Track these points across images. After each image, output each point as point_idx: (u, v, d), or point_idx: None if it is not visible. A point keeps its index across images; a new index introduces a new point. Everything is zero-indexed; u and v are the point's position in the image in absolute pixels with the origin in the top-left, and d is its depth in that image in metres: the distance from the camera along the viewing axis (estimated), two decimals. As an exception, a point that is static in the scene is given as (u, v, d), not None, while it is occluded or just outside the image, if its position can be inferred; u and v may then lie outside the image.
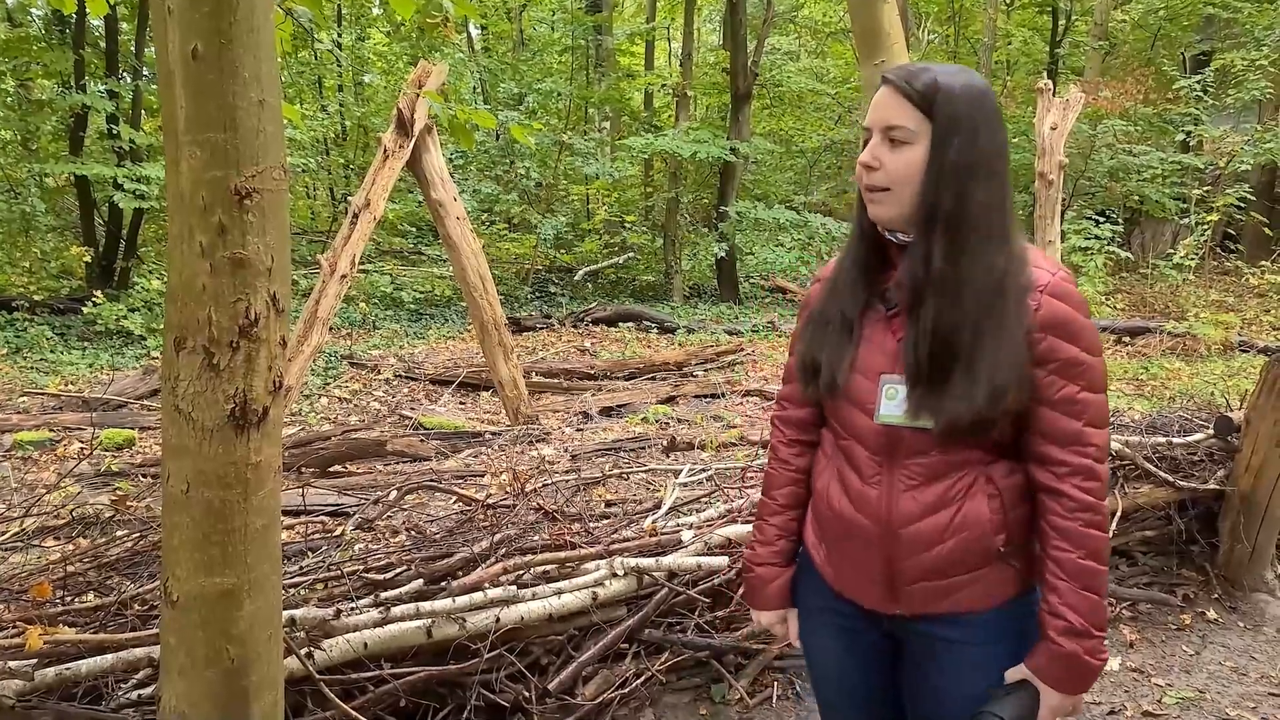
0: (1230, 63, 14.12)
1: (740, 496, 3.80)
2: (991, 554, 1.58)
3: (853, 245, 1.67)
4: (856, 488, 1.63)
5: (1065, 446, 1.53)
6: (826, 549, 1.73)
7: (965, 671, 1.63)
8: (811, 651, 1.85)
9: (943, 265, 1.50)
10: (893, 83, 1.54)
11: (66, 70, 11.87)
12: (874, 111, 1.56)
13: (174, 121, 1.52)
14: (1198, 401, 5.96)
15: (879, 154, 1.54)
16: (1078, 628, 1.53)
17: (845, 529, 1.65)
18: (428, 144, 6.90)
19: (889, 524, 1.59)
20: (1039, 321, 1.50)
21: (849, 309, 1.63)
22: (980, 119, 1.51)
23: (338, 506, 4.65)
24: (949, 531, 1.56)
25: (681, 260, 15.38)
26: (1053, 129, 8.04)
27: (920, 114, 1.51)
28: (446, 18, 3.11)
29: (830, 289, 1.69)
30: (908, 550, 1.58)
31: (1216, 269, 14.73)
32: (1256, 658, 3.57)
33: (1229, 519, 4.04)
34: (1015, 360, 1.48)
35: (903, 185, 1.53)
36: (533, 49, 19.22)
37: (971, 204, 1.50)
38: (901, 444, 1.57)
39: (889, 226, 1.58)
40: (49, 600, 2.63)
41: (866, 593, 1.67)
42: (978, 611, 1.61)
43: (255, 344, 1.60)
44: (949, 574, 1.58)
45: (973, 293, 1.50)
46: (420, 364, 10.04)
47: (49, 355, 9.68)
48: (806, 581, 1.82)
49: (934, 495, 1.57)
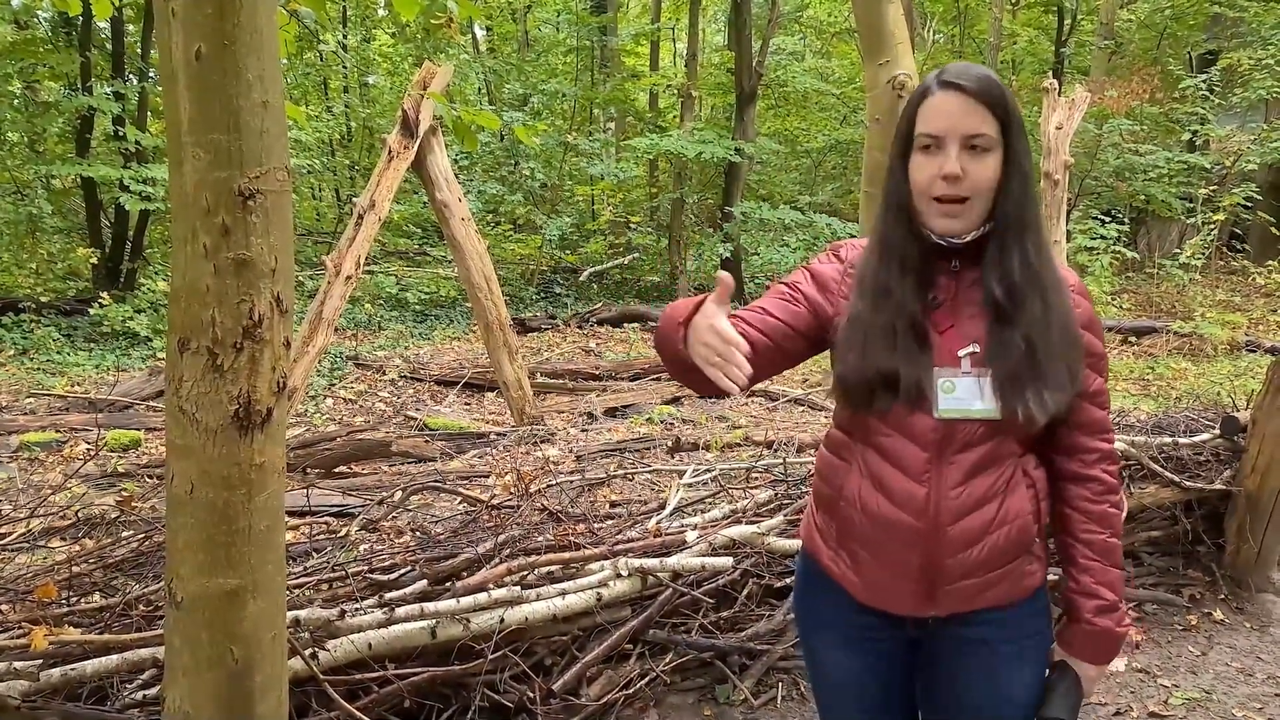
0: (1237, 62, 14.07)
1: (745, 497, 3.80)
2: (1029, 545, 1.61)
3: (901, 254, 1.59)
4: (901, 487, 1.57)
5: (1095, 435, 1.63)
6: (850, 555, 1.66)
7: (993, 669, 1.64)
8: (824, 668, 1.79)
9: (1036, 265, 1.56)
10: (966, 89, 1.51)
11: (73, 72, 11.91)
12: (948, 120, 1.51)
13: (177, 123, 1.52)
14: (1204, 401, 5.96)
15: (963, 164, 1.51)
16: (1110, 603, 1.62)
17: (883, 531, 1.59)
18: (433, 145, 6.91)
19: (936, 521, 1.55)
20: (1079, 320, 1.60)
21: (916, 315, 1.57)
22: (1021, 119, 1.57)
23: (342, 507, 4.66)
24: (995, 524, 1.57)
25: (686, 261, 15.36)
26: (1058, 129, 8.02)
27: (996, 120, 1.52)
28: (451, 19, 3.11)
29: (875, 295, 1.60)
30: (954, 547, 1.56)
31: (1223, 268, 14.68)
32: (1263, 658, 3.56)
33: (1235, 519, 4.03)
34: (1082, 351, 1.59)
35: (981, 194, 1.53)
36: (538, 50, 19.24)
37: (1037, 205, 1.59)
38: (954, 438, 1.56)
39: (956, 234, 1.56)
40: (54, 601, 2.64)
41: (900, 597, 1.62)
42: (1006, 606, 1.63)
43: (259, 345, 1.60)
44: (991, 568, 1.58)
45: (1054, 290, 1.57)
46: (425, 365, 10.06)
47: (55, 356, 9.71)
48: (817, 597, 1.76)
49: (982, 489, 1.56)
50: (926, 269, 1.60)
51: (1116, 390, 8.75)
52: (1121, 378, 9.42)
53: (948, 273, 1.61)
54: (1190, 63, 16.55)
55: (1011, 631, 1.64)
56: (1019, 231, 1.55)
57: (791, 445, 5.61)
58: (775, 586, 3.30)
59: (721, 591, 3.19)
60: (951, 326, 1.59)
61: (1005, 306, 1.55)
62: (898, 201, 1.60)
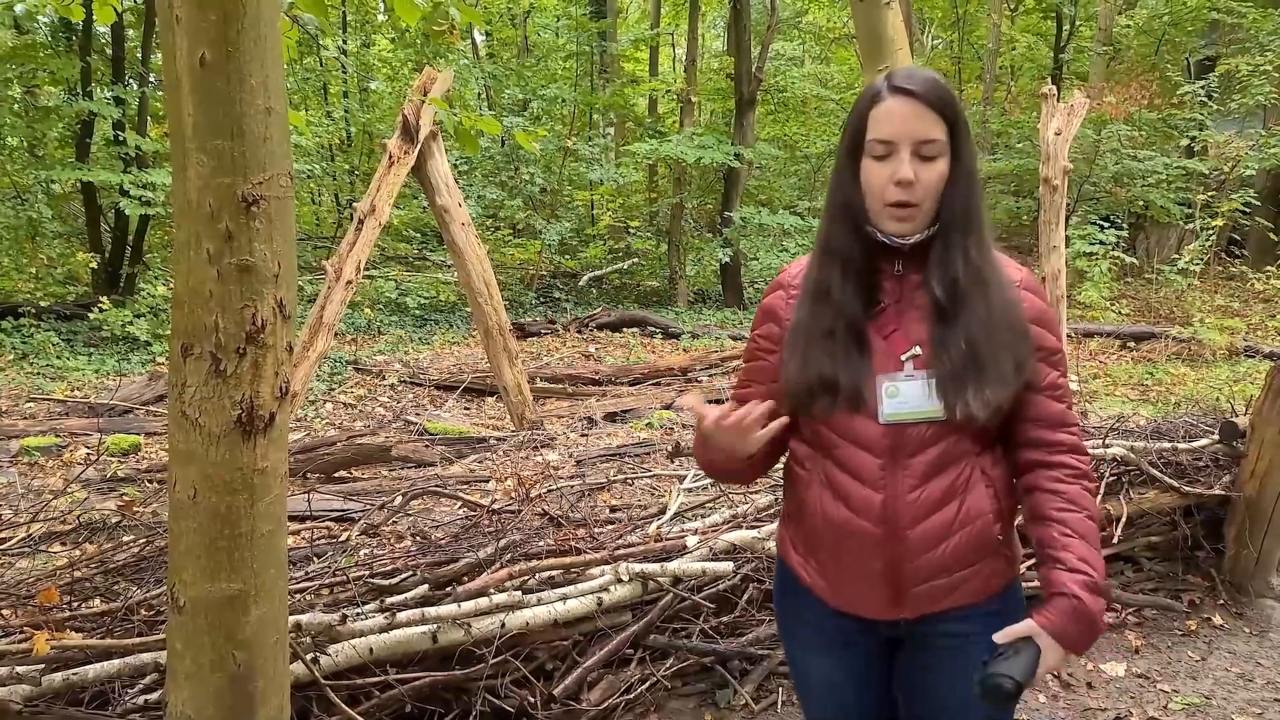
0: (1235, 68, 14.09)
1: (745, 502, 3.80)
2: (991, 543, 1.62)
3: (844, 256, 1.61)
4: (857, 494, 1.58)
5: (1055, 428, 1.63)
6: (819, 563, 1.68)
7: (967, 667, 1.63)
8: (803, 672, 1.83)
9: (978, 263, 1.57)
10: (915, 94, 1.52)
11: (73, 77, 11.92)
12: (900, 125, 1.53)
13: (181, 129, 1.52)
14: (1203, 407, 5.95)
15: (915, 169, 1.53)
16: (1097, 583, 1.54)
17: (843, 539, 1.61)
18: (433, 150, 6.91)
19: (895, 526, 1.57)
20: (1026, 314, 1.61)
21: (856, 319, 1.59)
22: (967, 121, 1.60)
23: (343, 512, 4.66)
24: (955, 525, 1.58)
25: (686, 265, 15.38)
26: (1057, 134, 8.02)
27: (945, 123, 1.54)
28: (453, 25, 3.12)
29: (815, 301, 1.62)
30: (915, 550, 1.57)
31: (1221, 274, 14.69)
32: (1262, 663, 3.56)
33: (1234, 524, 4.03)
34: (1030, 345, 1.59)
35: (930, 197, 1.56)
36: (537, 55, 19.25)
37: (981, 204, 1.61)
38: (905, 442, 1.57)
39: (905, 235, 1.58)
40: (56, 605, 2.64)
41: (868, 602, 1.64)
42: (977, 604, 1.63)
43: (262, 350, 1.60)
44: (954, 569, 1.59)
45: (996, 286, 1.59)
46: (425, 369, 10.06)
47: (55, 361, 9.71)
48: (793, 602, 1.78)
49: (939, 490, 1.57)
50: (870, 272, 1.61)
51: (1115, 395, 8.76)
52: (1120, 383, 9.42)
53: (891, 276, 1.62)
54: (1188, 68, 16.58)
55: (981, 626, 1.62)
56: (963, 232, 1.57)
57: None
58: (775, 591, 3.30)
59: (722, 596, 3.19)
60: (896, 330, 1.60)
61: (947, 306, 1.57)
62: (844, 201, 1.62)
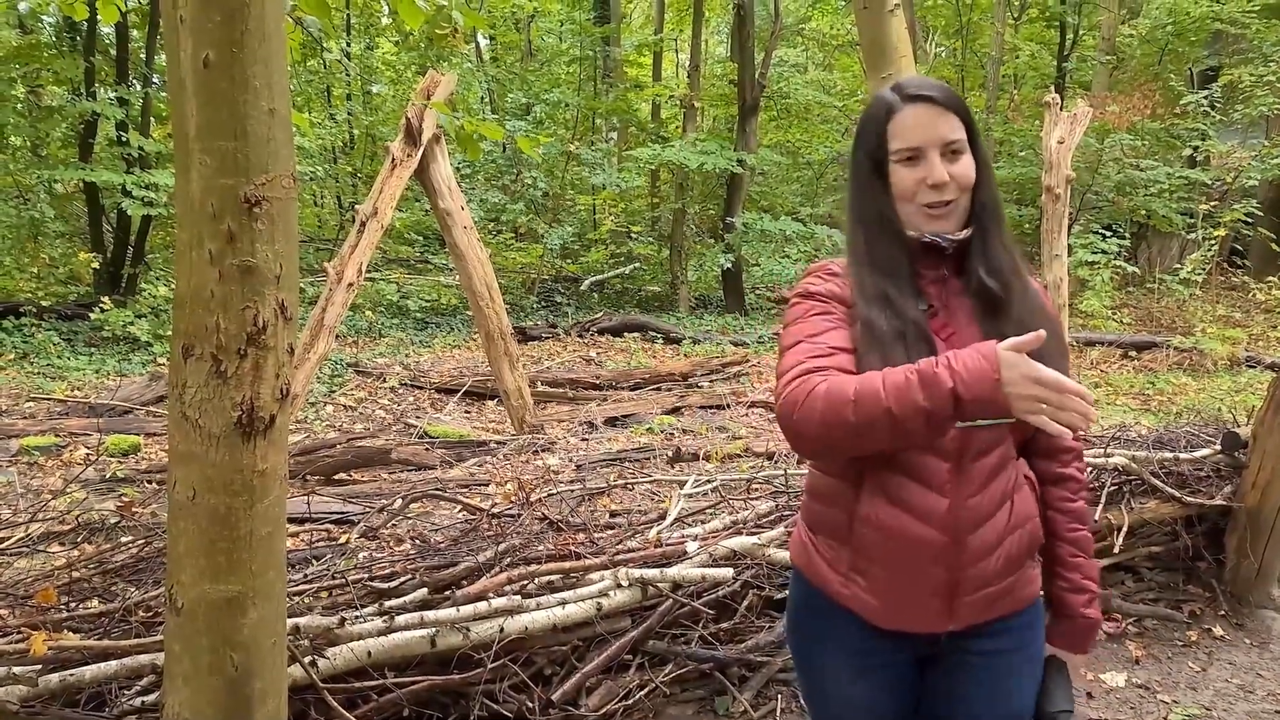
0: (1238, 78, 14.10)
1: (746, 508, 3.79)
2: (1038, 545, 1.65)
3: (892, 267, 1.59)
4: (921, 501, 1.54)
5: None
6: (869, 580, 1.60)
7: (1003, 680, 1.66)
8: (831, 698, 1.74)
9: (1014, 256, 1.62)
10: (932, 99, 1.57)
11: (77, 77, 11.93)
12: (925, 131, 1.56)
13: (185, 129, 1.52)
14: (1205, 417, 5.95)
15: (947, 169, 1.56)
16: (1095, 594, 1.71)
17: (904, 549, 1.55)
18: (435, 153, 6.91)
19: (958, 532, 1.54)
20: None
21: (920, 321, 1.56)
22: (975, 120, 1.64)
23: (342, 514, 4.66)
24: (1007, 529, 1.58)
25: (687, 271, 15.38)
26: (1060, 143, 8.01)
27: (961, 122, 1.58)
28: (456, 29, 3.12)
29: (880, 306, 1.56)
30: (975, 556, 1.55)
31: (1223, 284, 14.69)
32: (1263, 675, 3.55)
33: (1235, 535, 4.02)
34: (1063, 336, 1.65)
35: (965, 194, 1.60)
36: (541, 59, 19.28)
37: (999, 196, 1.66)
38: (971, 445, 1.54)
39: (948, 232, 1.60)
40: (54, 606, 2.64)
41: (922, 615, 1.59)
42: (1013, 615, 1.64)
43: (263, 351, 1.60)
44: (1005, 575, 1.59)
45: (1027, 273, 1.65)
46: (426, 372, 10.05)
47: (56, 361, 9.71)
48: (824, 625, 1.70)
49: (996, 494, 1.57)
50: (915, 279, 1.62)
51: (1117, 405, 8.75)
52: (1122, 392, 9.42)
53: (935, 281, 1.63)
54: (1191, 79, 16.59)
55: (1015, 640, 1.66)
56: (996, 222, 1.62)
57: (792, 457, 5.60)
58: (775, 598, 3.29)
59: (721, 602, 3.18)
60: (953, 333, 1.59)
61: (996, 294, 1.58)
62: (878, 213, 1.62)
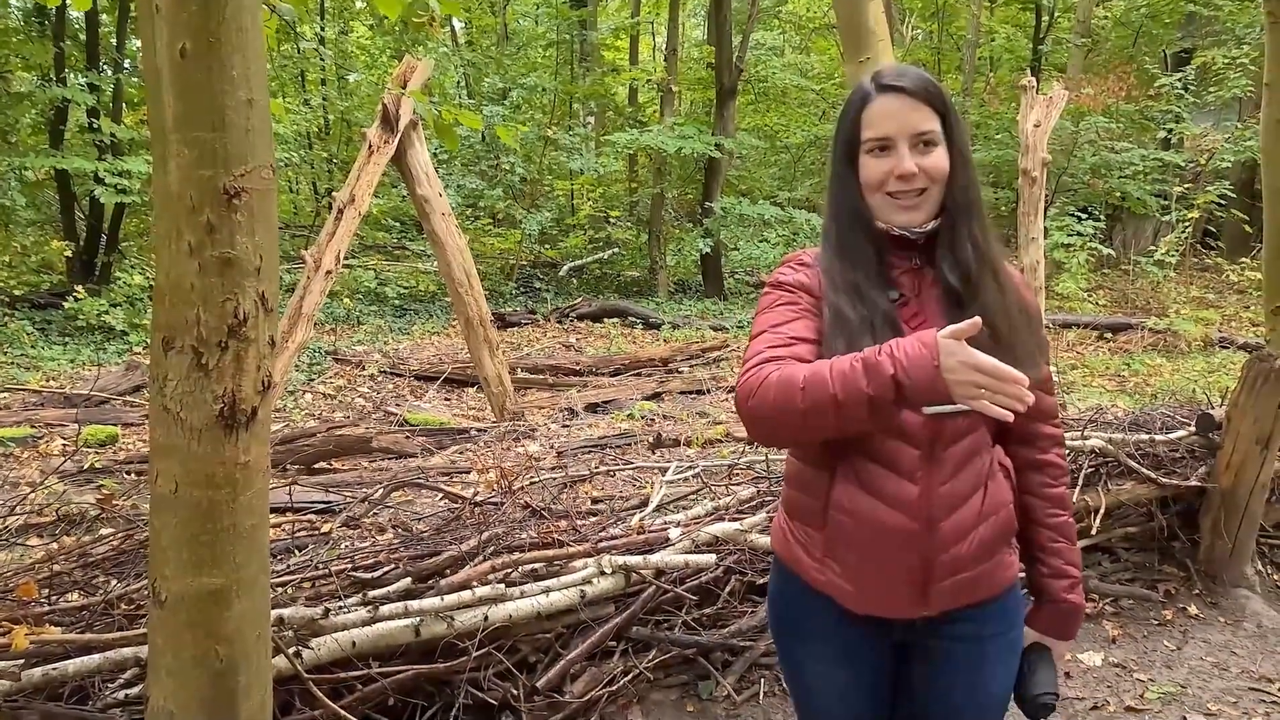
0: (1211, 60, 14.21)
1: (727, 494, 3.81)
2: (1012, 532, 1.66)
3: (863, 257, 1.60)
4: (892, 488, 1.56)
5: (1047, 421, 1.70)
6: (844, 566, 1.62)
7: (978, 666, 1.67)
8: (810, 685, 1.76)
9: (985, 249, 1.60)
10: (907, 90, 1.56)
11: (46, 63, 11.76)
12: (895, 121, 1.56)
13: (162, 120, 1.50)
14: (1179, 398, 6.01)
15: (916, 161, 1.56)
16: (1076, 579, 1.71)
17: (878, 535, 1.57)
18: (413, 139, 6.87)
19: (930, 518, 1.55)
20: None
21: (890, 311, 1.57)
22: (956, 111, 1.63)
23: (324, 504, 4.64)
24: (981, 515, 1.59)
25: (666, 256, 15.38)
26: (1036, 126, 8.04)
27: (936, 114, 1.57)
28: (433, 17, 3.09)
29: (848, 295, 1.58)
30: (947, 542, 1.56)
31: (1197, 265, 14.83)
32: (1237, 653, 3.61)
33: (1210, 515, 4.07)
34: (1040, 326, 1.62)
35: (936, 185, 1.59)
36: (517, 44, 19.16)
37: (979, 191, 1.65)
38: (943, 433, 1.56)
39: (917, 225, 1.60)
40: (35, 599, 2.61)
41: (896, 600, 1.61)
42: (990, 600, 1.65)
43: (244, 344, 1.59)
44: (981, 561, 1.60)
45: (1004, 271, 1.63)
46: (405, 360, 10.02)
47: (30, 351, 9.60)
48: (802, 611, 1.73)
49: (968, 482, 1.58)
50: (885, 269, 1.62)
51: (1093, 386, 8.82)
52: (1098, 373, 9.50)
53: (907, 271, 1.63)
54: (1165, 61, 16.71)
55: (993, 625, 1.67)
56: (968, 217, 1.61)
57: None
58: (758, 583, 3.32)
59: (704, 588, 3.20)
60: (923, 322, 1.59)
61: (961, 291, 1.58)
62: (849, 206, 1.63)
